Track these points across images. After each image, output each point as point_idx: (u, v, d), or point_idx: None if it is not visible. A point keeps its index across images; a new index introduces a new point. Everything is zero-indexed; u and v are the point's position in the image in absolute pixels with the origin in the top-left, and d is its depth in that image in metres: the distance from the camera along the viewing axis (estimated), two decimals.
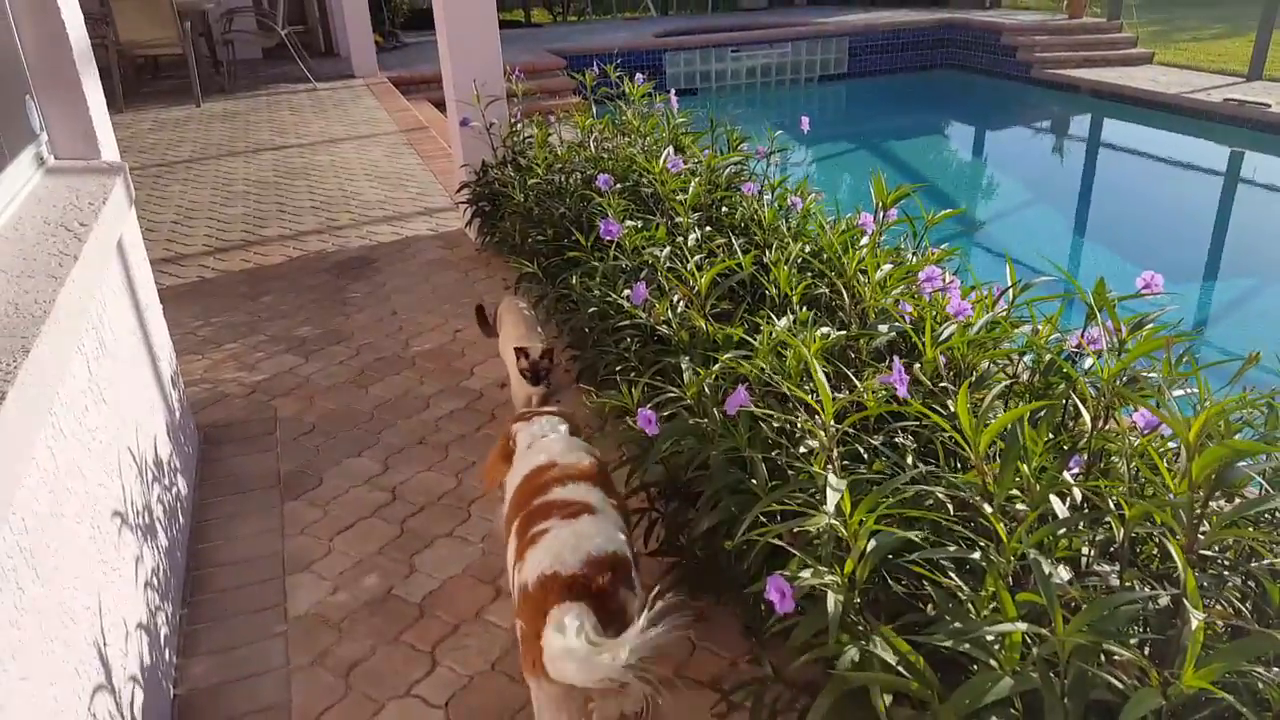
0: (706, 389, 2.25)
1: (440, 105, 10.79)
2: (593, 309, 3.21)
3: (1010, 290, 2.56)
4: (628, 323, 2.91)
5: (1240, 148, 9.62)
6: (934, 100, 13.41)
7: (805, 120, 3.98)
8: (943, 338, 2.19)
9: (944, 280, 2.48)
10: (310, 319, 4.76)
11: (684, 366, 2.36)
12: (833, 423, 1.74)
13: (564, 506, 2.02)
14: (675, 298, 2.90)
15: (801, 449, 2.12)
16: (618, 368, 3.05)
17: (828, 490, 1.67)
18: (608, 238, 3.10)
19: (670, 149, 3.52)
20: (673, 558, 2.66)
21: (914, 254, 3.02)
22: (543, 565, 1.83)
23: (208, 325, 4.72)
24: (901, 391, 1.76)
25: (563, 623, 1.66)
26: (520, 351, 3.27)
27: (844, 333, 2.32)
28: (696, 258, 3.17)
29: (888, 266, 2.63)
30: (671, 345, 2.88)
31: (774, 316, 2.63)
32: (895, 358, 1.79)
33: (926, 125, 12.28)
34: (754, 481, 2.12)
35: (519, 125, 5.42)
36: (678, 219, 3.43)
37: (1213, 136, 9.94)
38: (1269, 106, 9.46)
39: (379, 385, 4.04)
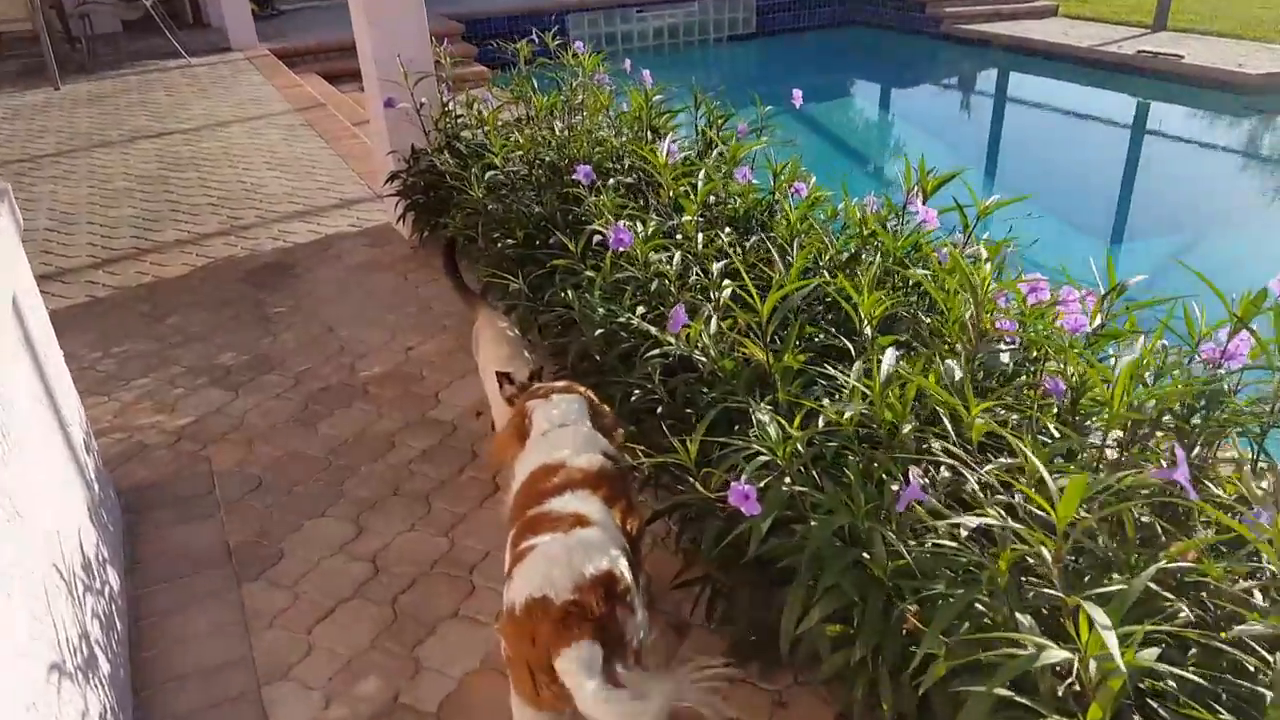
0: (800, 448, 1.83)
1: (331, 78, 9.95)
2: (600, 330, 2.74)
3: (1107, 295, 2.21)
4: (657, 352, 2.45)
5: (1154, 99, 9.69)
6: (844, 58, 13.17)
7: (798, 94, 3.56)
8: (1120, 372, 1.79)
9: (1051, 293, 2.11)
10: (230, 342, 4.11)
11: (760, 415, 1.93)
12: (1064, 521, 1.34)
13: (558, 520, 1.89)
14: (707, 318, 2.46)
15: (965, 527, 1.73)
16: (636, 403, 2.60)
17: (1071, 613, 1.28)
18: (618, 248, 2.63)
19: (667, 139, 3.05)
20: (729, 626, 2.27)
21: (963, 246, 2.65)
22: (531, 587, 1.73)
23: (108, 357, 4.03)
24: (1189, 490, 1.38)
25: (584, 667, 1.61)
26: (503, 377, 2.77)
27: (956, 371, 1.93)
28: (718, 265, 2.73)
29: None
30: (705, 375, 2.44)
31: (847, 342, 2.23)
32: (1176, 447, 1.40)
33: (837, 85, 12.03)
34: (868, 555, 1.73)
35: (450, 105, 4.83)
36: (683, 218, 2.97)
37: (1127, 89, 9.98)
38: (1182, 58, 9.53)
39: (329, 422, 3.48)
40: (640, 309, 2.72)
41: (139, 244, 5.29)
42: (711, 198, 3.26)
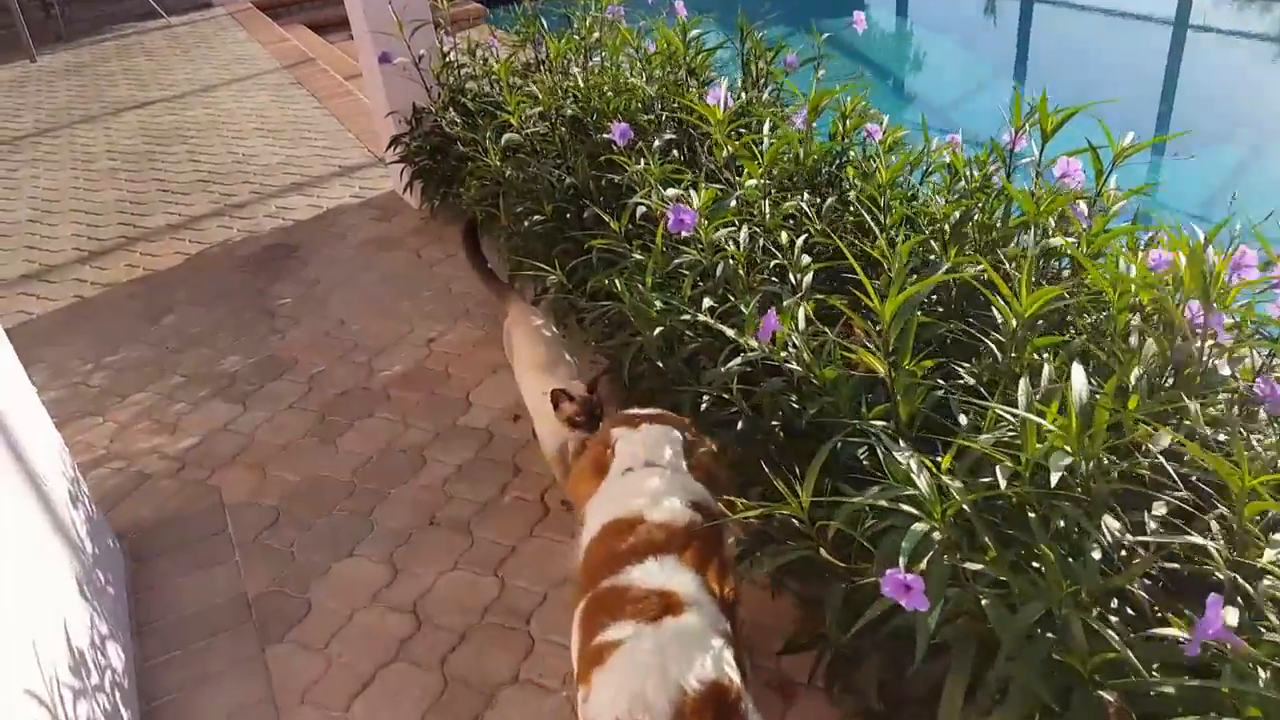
0: (968, 508, 1.41)
1: (318, 28, 9.34)
2: (660, 328, 2.31)
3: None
4: (739, 361, 2.01)
5: None
6: None
7: (860, 17, 3.04)
8: None
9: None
10: (235, 344, 3.70)
11: (900, 455, 1.50)
12: None
13: (642, 601, 1.54)
14: (790, 313, 2.02)
15: None
16: (708, 413, 2.18)
17: None
18: (679, 230, 2.17)
19: (720, 85, 2.56)
20: (852, 695, 1.88)
21: (1094, 200, 2.18)
22: (618, 708, 1.38)
23: (100, 369, 3.63)
24: None
25: None
26: (561, 395, 2.35)
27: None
28: (798, 241, 2.28)
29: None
30: (796, 384, 2.02)
31: (993, 345, 1.79)
32: None
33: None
34: (1068, 639, 1.32)
35: (451, 54, 4.31)
36: (746, 181, 2.50)
37: None
38: None
39: (350, 436, 3.08)
40: (707, 301, 2.27)
41: (127, 232, 4.86)
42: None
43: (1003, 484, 1.42)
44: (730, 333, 2.06)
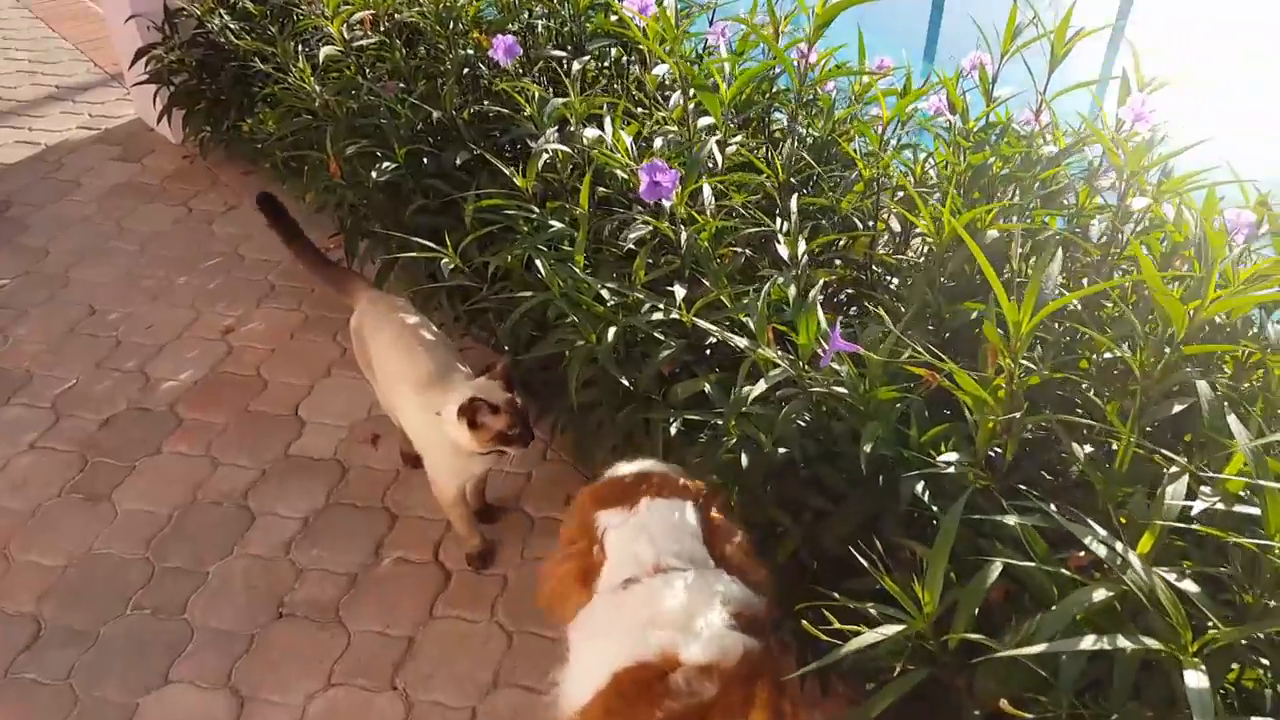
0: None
1: None
2: (612, 328, 1.63)
3: None
4: (763, 389, 1.38)
5: None
6: None
7: None
8: None
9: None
10: None
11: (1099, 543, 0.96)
12: None
13: None
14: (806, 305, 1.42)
15: None
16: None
17: None
18: (655, 199, 1.49)
19: None
20: None
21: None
22: None
23: None
24: None
25: None
26: (479, 406, 1.64)
27: None
28: (793, 201, 1.66)
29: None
30: (817, 405, 1.44)
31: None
32: None
33: None
34: None
35: None
36: (699, 123, 1.83)
37: None
38: None
39: (131, 486, 2.18)
40: (679, 290, 1.62)
41: None
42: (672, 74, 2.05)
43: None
44: (743, 343, 1.42)
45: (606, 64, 2.37)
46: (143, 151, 3.61)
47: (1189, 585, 0.97)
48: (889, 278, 1.85)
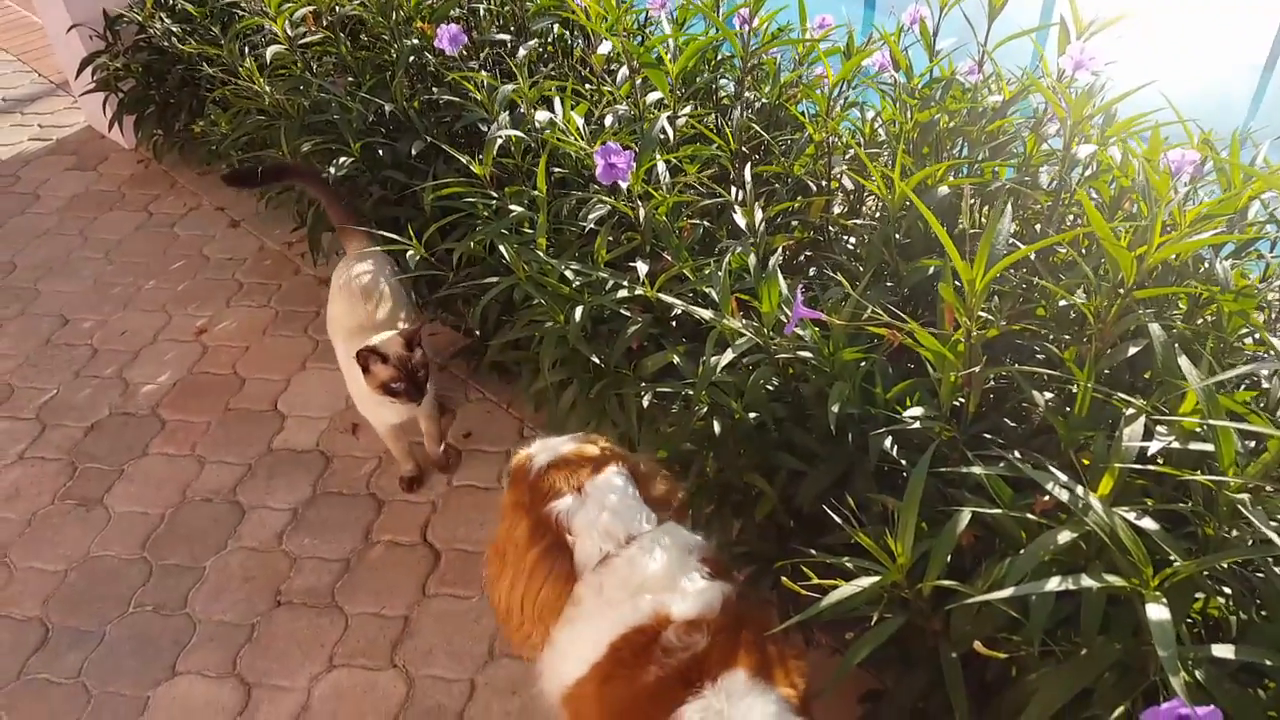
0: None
1: None
2: (579, 308, 1.68)
3: None
4: (730, 356, 1.44)
5: None
6: None
7: None
8: None
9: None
10: None
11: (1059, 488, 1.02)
12: None
13: None
14: (756, 261, 1.47)
15: None
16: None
17: None
18: (610, 181, 1.53)
19: None
20: None
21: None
22: None
23: None
24: None
25: None
26: (370, 356, 1.76)
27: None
28: (747, 170, 1.71)
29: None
30: (783, 369, 1.50)
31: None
32: None
33: None
34: None
35: None
36: (647, 98, 1.86)
37: None
38: None
39: (122, 490, 2.21)
40: (642, 266, 1.67)
41: None
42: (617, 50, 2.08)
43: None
44: (708, 315, 1.48)
45: (550, 42, 2.39)
46: (97, 159, 3.59)
47: (1149, 523, 1.03)
48: (846, 238, 1.90)
